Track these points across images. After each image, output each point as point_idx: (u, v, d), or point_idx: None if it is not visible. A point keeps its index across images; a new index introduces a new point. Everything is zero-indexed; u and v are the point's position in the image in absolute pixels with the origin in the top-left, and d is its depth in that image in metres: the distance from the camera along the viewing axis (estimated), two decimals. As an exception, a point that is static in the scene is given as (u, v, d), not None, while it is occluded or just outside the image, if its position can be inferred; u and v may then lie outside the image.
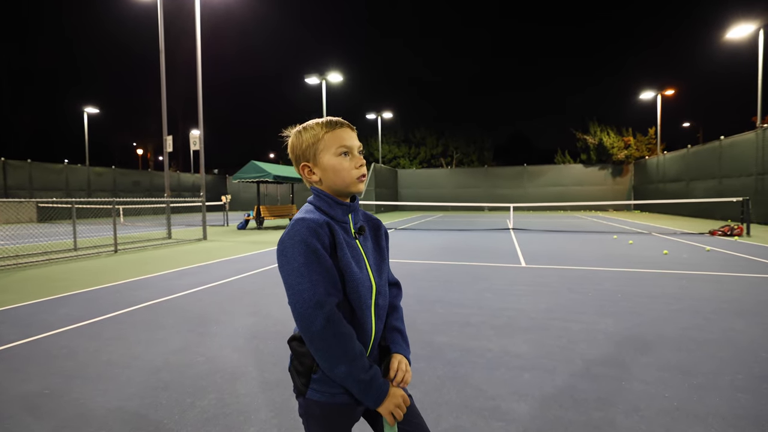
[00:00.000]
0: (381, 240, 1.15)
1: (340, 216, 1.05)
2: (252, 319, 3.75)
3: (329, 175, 1.04)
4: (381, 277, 1.09)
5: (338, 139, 1.04)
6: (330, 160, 1.04)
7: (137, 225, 17.09)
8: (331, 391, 0.99)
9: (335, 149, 1.04)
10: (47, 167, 22.93)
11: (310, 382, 1.01)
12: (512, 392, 2.31)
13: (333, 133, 1.05)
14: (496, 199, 27.87)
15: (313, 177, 1.06)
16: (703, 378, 2.46)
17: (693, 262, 6.52)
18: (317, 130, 1.05)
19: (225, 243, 10.22)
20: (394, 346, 1.10)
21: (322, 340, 0.92)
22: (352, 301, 1.00)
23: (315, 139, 1.05)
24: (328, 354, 0.93)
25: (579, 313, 3.84)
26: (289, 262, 0.95)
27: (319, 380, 1.00)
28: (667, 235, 10.96)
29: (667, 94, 25.25)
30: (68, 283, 5.42)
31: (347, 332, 0.95)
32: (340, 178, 1.04)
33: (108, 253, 8.27)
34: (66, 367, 2.71)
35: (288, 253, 0.96)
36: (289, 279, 0.95)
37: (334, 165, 1.04)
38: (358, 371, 0.94)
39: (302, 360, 1.02)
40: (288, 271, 0.95)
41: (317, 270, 0.94)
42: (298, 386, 1.03)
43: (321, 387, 1.00)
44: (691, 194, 18.43)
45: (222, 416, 2.09)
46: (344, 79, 22.12)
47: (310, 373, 1.01)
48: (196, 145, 12.63)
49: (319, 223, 0.98)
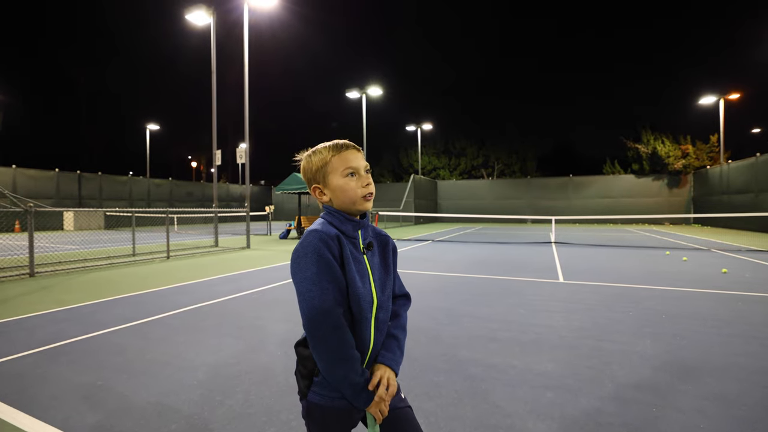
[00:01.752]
0: (388, 256, 1.21)
1: (350, 231, 1.12)
2: (285, 325, 3.93)
3: (338, 195, 1.13)
4: (384, 293, 1.15)
5: (344, 161, 1.12)
6: (338, 181, 1.12)
7: (189, 233, 18.30)
8: (330, 395, 1.07)
9: (342, 171, 1.12)
10: (114, 179, 25.25)
11: (311, 385, 1.09)
12: (531, 411, 2.27)
13: (339, 156, 1.13)
14: (539, 212, 26.89)
15: (323, 198, 1.16)
16: (748, 410, 2.27)
17: (755, 283, 5.95)
18: (325, 154, 1.14)
19: (266, 252, 10.69)
20: (383, 355, 1.13)
21: (325, 344, 1.01)
22: (354, 314, 1.07)
23: (323, 162, 1.14)
24: (329, 357, 1.01)
25: (615, 332, 3.65)
26: (302, 270, 1.04)
27: (320, 383, 1.07)
28: (729, 251, 10.05)
29: (730, 99, 23.31)
30: (124, 285, 5.94)
31: (349, 340, 1.03)
32: (348, 197, 1.12)
33: (161, 259, 8.94)
34: (116, 362, 2.99)
35: (301, 262, 1.04)
36: (301, 286, 1.03)
37: (341, 185, 1.12)
38: (353, 375, 1.03)
39: (305, 363, 1.10)
40: (300, 279, 1.03)
41: (328, 279, 1.02)
42: (301, 389, 1.11)
43: (321, 390, 1.07)
44: (760, 207, 16.77)
45: (246, 415, 2.23)
46: (384, 93, 22.55)
47: (312, 376, 1.09)
48: (243, 159, 13.39)
49: (330, 236, 1.06)
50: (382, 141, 43.42)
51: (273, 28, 14.21)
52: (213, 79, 12.61)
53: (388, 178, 39.17)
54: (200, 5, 12.67)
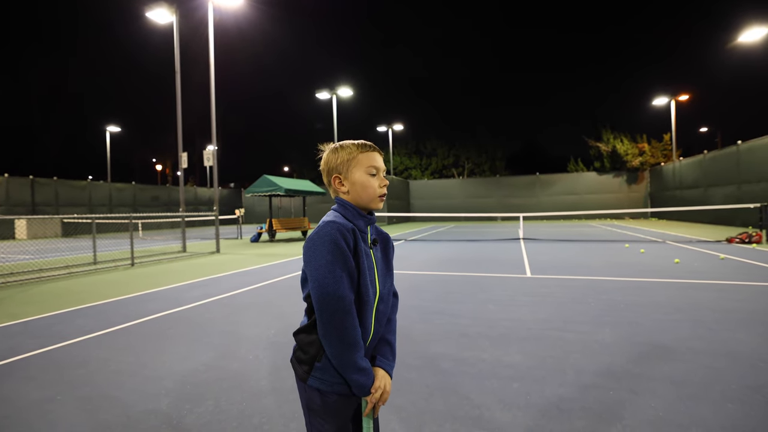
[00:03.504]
0: (389, 252, 1.29)
1: (362, 226, 1.18)
2: (256, 330, 3.88)
3: (357, 189, 1.19)
4: (385, 287, 1.22)
5: (370, 160, 1.20)
6: (361, 176, 1.19)
7: (155, 239, 17.60)
8: (331, 380, 1.10)
9: (366, 168, 1.20)
10: (72, 184, 23.90)
11: (312, 370, 1.12)
12: (498, 401, 2.36)
13: (366, 154, 1.20)
14: (509, 209, 27.66)
15: (342, 188, 1.21)
16: (695, 388, 2.46)
17: (704, 271, 6.40)
18: (353, 149, 1.21)
19: (237, 256, 10.46)
20: (382, 361, 1.19)
21: (336, 328, 1.04)
22: (359, 303, 1.11)
23: (350, 156, 1.20)
24: (339, 341, 1.05)
25: (577, 323, 3.84)
26: (317, 258, 1.07)
27: (322, 369, 1.11)
28: (682, 243, 10.72)
29: (681, 100, 24.84)
30: (85, 295, 5.67)
31: (357, 326, 1.08)
32: (366, 194, 1.19)
33: (125, 267, 8.58)
34: (77, 376, 2.87)
35: (317, 250, 1.08)
36: (316, 273, 1.06)
37: (363, 181, 1.19)
38: (360, 360, 1.08)
39: (307, 349, 1.13)
40: (315, 266, 1.06)
41: (342, 267, 1.06)
42: (300, 374, 1.14)
43: (322, 375, 1.11)
44: (709, 201, 17.97)
45: (216, 422, 2.20)
46: (354, 93, 22.53)
47: (313, 361, 1.12)
48: (210, 161, 13.03)
49: (347, 228, 1.11)
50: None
51: (240, 27, 13.93)
52: (177, 78, 12.21)
53: (361, 178, 39.14)
54: (162, 3, 12.23)
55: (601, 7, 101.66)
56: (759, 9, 35.04)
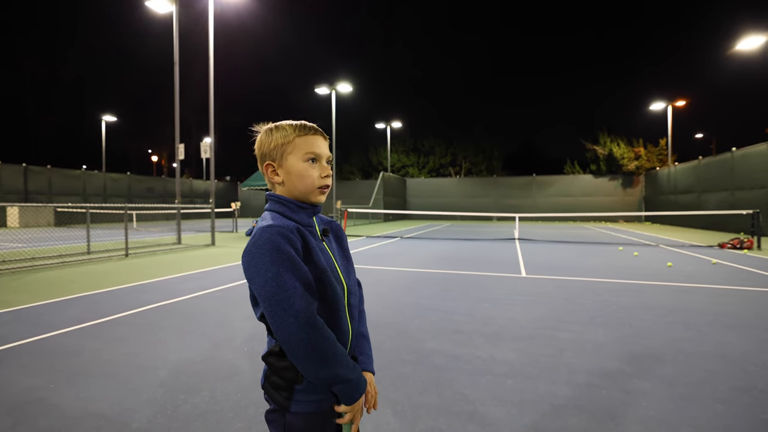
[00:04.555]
0: (343, 241, 1.15)
1: (306, 220, 1.04)
2: (251, 322, 3.87)
3: (292, 179, 1.03)
4: (350, 278, 1.10)
5: (309, 144, 1.03)
6: (296, 164, 1.02)
7: (150, 230, 17.49)
8: (317, 399, 0.98)
9: (304, 154, 1.02)
10: (66, 173, 23.67)
11: (293, 395, 0.97)
12: (493, 397, 2.38)
13: (305, 137, 1.03)
14: (505, 209, 27.76)
15: (275, 178, 1.04)
16: (685, 389, 2.49)
17: (696, 275, 6.47)
18: (288, 131, 1.03)
19: (232, 249, 10.43)
20: (362, 361, 1.10)
21: (306, 347, 0.90)
22: (329, 305, 0.99)
23: (285, 140, 1.03)
24: (314, 360, 0.91)
25: (571, 323, 3.87)
26: (260, 273, 0.91)
27: (304, 390, 0.97)
28: (675, 247, 10.82)
29: (678, 105, 25.01)
30: (78, 285, 5.63)
31: (330, 336, 0.94)
32: (303, 185, 1.03)
33: (119, 257, 8.52)
34: (69, 365, 2.85)
35: (259, 264, 0.91)
36: (263, 291, 0.90)
37: (300, 170, 1.02)
38: (345, 371, 0.95)
39: (283, 374, 0.98)
40: (261, 283, 0.90)
41: (293, 277, 0.91)
42: (279, 402, 0.98)
43: (306, 397, 0.97)
44: (702, 206, 18.14)
45: (212, 412, 2.20)
46: (353, 90, 22.46)
47: (293, 385, 0.97)
48: (207, 153, 12.95)
49: (289, 229, 0.95)
50: (352, 138, 43.25)
51: (241, 20, 13.80)
52: (176, 69, 12.10)
53: (358, 175, 39.07)
54: (161, -8, 12.09)
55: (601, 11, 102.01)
56: (757, 17, 35.33)
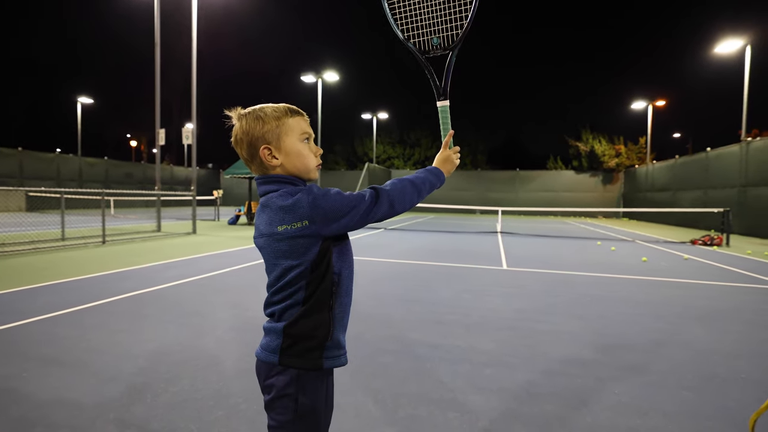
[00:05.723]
0: None
1: None
2: (232, 311, 3.85)
3: (292, 159, 1.06)
4: None
5: (302, 125, 1.08)
6: (294, 144, 1.06)
7: (128, 217, 17.05)
8: (339, 352, 1.05)
9: (299, 134, 1.07)
10: (38, 156, 22.75)
11: (324, 352, 1.02)
12: (472, 386, 2.44)
13: (296, 118, 1.07)
14: (488, 203, 28.10)
15: (274, 161, 1.05)
16: (654, 377, 2.61)
17: (669, 270, 6.72)
18: (281, 113, 1.06)
19: (214, 237, 10.27)
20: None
21: (401, 196, 1.07)
22: (349, 268, 1.08)
23: (279, 122, 1.05)
24: (410, 195, 1.09)
25: (549, 314, 3.98)
26: (334, 202, 0.99)
27: (331, 346, 1.03)
28: (650, 243, 11.19)
29: (657, 105, 25.65)
30: (52, 272, 5.46)
31: (396, 183, 1.09)
32: (302, 163, 1.07)
33: (96, 244, 8.29)
34: (45, 353, 2.78)
35: (329, 199, 0.99)
36: (343, 208, 0.99)
37: (299, 149, 1.06)
38: (426, 185, 1.15)
39: (315, 334, 1.01)
40: (342, 206, 0.99)
41: None
42: (310, 364, 1.01)
43: (332, 352, 1.03)
44: (677, 204, 18.76)
45: (192, 400, 2.19)
46: (340, 79, 22.20)
47: (324, 342, 1.01)
48: (189, 140, 12.64)
49: None
50: (338, 128, 42.89)
51: (226, 3, 13.32)
52: (156, 51, 11.70)
53: (343, 165, 38.82)
54: (141, -30, 11.63)
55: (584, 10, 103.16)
56: (735, 22, 36.39)
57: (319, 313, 1.02)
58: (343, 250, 1.06)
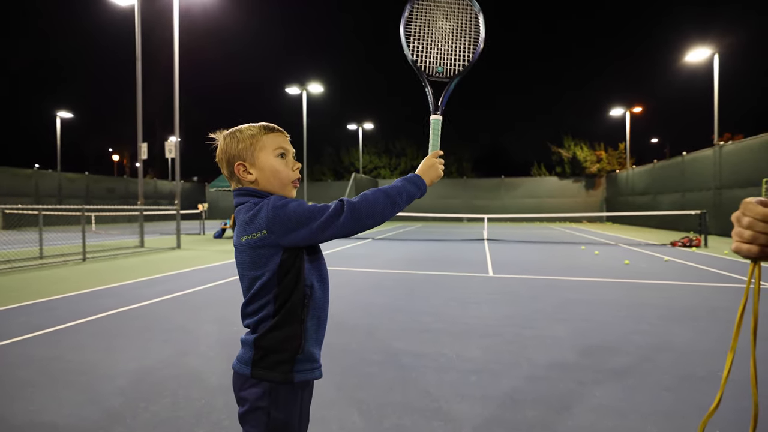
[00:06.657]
0: None
1: None
2: (216, 326, 3.79)
3: (266, 175, 1.07)
4: None
5: (277, 141, 1.10)
6: (268, 160, 1.07)
7: (110, 233, 16.68)
8: (313, 366, 1.05)
9: (273, 150, 1.08)
10: (15, 172, 22.19)
11: (295, 365, 1.01)
12: (456, 394, 2.45)
13: (271, 135, 1.10)
14: (475, 210, 28.36)
15: (248, 177, 1.07)
16: (634, 378, 2.66)
17: (650, 272, 6.87)
18: (255, 131, 1.09)
19: (199, 252, 10.12)
20: None
21: (370, 208, 1.01)
22: (323, 281, 1.08)
23: (253, 139, 1.08)
24: (382, 207, 1.03)
25: (534, 320, 4.03)
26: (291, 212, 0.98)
27: (302, 359, 1.02)
28: (632, 246, 11.44)
29: (635, 112, 26.45)
30: (29, 291, 5.31)
31: (368, 195, 1.04)
32: (277, 179, 1.08)
33: (76, 262, 8.08)
34: (20, 375, 2.70)
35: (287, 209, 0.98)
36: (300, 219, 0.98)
37: (273, 165, 1.07)
38: (402, 196, 1.08)
39: (286, 346, 1.01)
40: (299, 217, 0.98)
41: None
42: (280, 377, 1.00)
43: (304, 365, 1.03)
44: (657, 207, 19.26)
45: (174, 419, 2.15)
46: (325, 90, 22.34)
47: (295, 355, 1.01)
48: (172, 153, 12.51)
49: None
50: (324, 139, 42.95)
51: (208, 15, 13.40)
52: (138, 64, 11.62)
53: (329, 176, 38.82)
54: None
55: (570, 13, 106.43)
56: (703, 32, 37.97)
57: (290, 326, 1.02)
58: (315, 263, 1.07)
